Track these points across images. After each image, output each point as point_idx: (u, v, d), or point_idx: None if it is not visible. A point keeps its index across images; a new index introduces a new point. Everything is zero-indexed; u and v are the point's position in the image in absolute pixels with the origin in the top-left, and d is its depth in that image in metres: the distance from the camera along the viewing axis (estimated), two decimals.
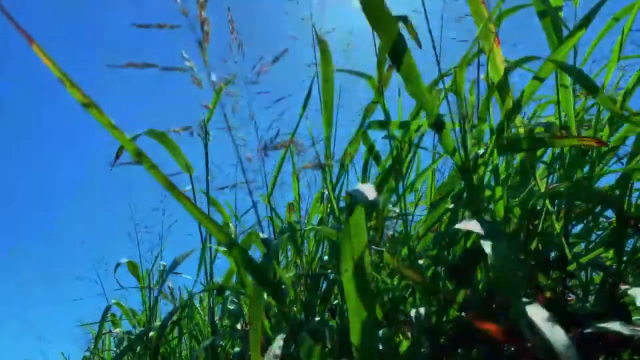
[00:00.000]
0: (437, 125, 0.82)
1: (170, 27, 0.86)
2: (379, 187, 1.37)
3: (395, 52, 0.76)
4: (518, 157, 1.00)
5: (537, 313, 0.62)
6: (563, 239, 0.88)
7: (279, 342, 0.91)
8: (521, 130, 0.96)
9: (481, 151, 0.99)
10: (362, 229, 0.66)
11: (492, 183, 0.95)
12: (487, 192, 0.92)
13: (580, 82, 0.79)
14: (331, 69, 1.10)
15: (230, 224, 1.73)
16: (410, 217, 1.51)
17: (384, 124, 1.14)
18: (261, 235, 1.06)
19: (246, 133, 1.61)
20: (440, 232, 1.11)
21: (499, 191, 0.97)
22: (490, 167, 0.95)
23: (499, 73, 0.90)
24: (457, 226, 0.73)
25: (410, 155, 1.20)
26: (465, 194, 0.91)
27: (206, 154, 1.64)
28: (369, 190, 0.70)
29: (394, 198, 1.44)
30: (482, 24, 0.85)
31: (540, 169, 1.09)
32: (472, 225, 0.68)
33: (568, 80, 0.84)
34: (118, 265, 2.08)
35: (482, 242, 0.63)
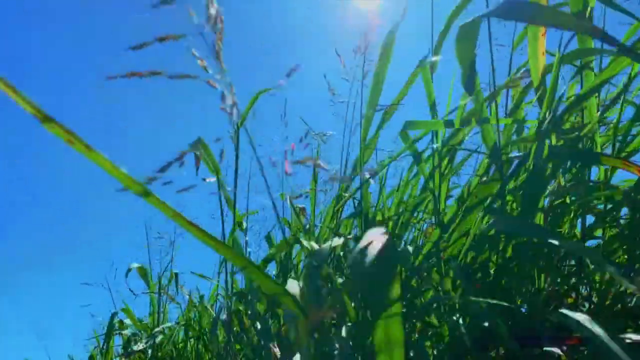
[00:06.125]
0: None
1: (175, 37, 0.73)
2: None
3: (468, 83, 0.88)
4: None
5: None
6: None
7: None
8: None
9: (517, 153, 1.07)
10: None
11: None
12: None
13: None
14: (385, 70, 1.19)
15: (243, 224, 1.77)
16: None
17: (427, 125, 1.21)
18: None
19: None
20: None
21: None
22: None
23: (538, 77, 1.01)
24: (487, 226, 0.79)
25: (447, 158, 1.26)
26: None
27: (236, 157, 1.71)
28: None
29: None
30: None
31: None
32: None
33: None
34: (129, 270, 2.12)
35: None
